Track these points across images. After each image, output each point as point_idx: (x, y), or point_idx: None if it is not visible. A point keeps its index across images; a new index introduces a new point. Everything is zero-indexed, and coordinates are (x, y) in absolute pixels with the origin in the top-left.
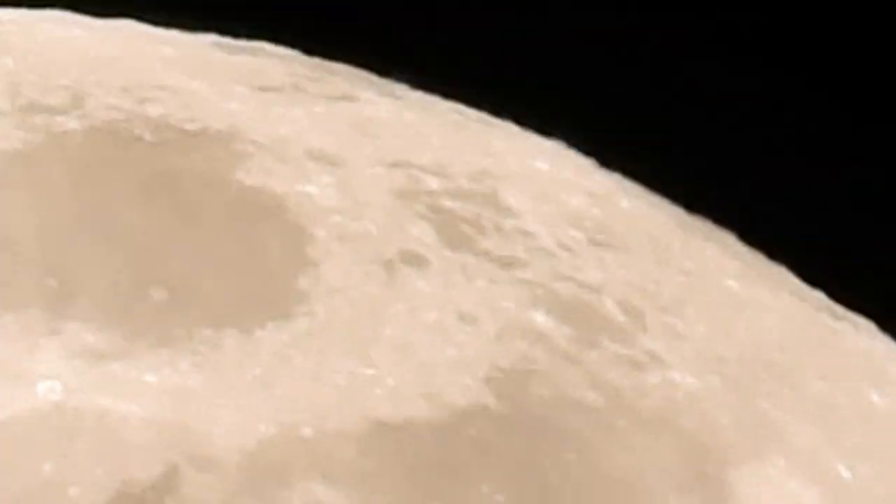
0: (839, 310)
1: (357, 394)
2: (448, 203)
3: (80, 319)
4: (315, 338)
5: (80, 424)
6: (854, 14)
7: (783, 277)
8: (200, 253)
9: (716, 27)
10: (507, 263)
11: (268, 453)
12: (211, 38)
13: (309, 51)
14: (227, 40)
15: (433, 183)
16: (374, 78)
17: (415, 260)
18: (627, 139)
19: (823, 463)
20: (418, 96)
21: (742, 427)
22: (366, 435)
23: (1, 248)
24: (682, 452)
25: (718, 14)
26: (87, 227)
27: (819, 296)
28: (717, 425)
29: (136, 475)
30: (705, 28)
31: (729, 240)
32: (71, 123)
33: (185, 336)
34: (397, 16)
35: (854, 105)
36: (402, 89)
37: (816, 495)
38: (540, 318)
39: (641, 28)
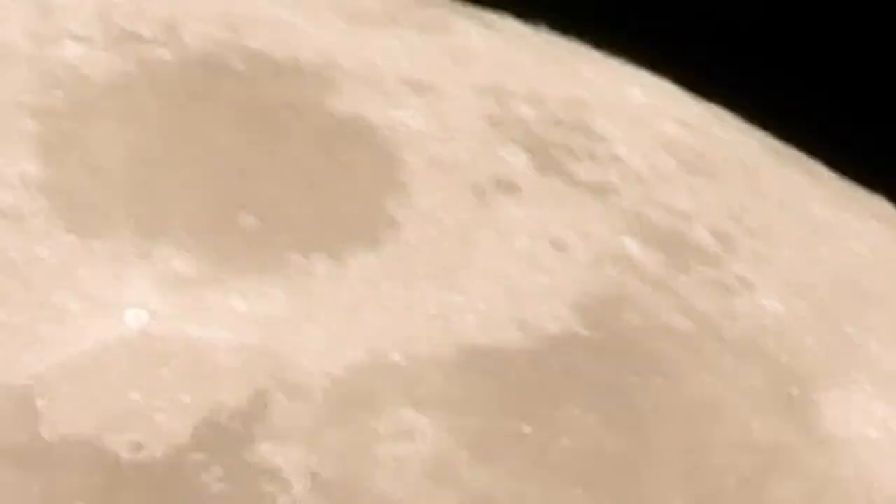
0: None
1: (447, 320)
2: (540, 129)
3: (168, 246)
4: (405, 263)
5: (168, 351)
6: None
7: (874, 205)
8: (290, 179)
9: None
10: (599, 189)
11: (357, 379)
12: None
13: None
14: None
15: (525, 110)
16: (468, 7)
17: (506, 185)
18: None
19: None
20: (511, 24)
21: (829, 351)
22: (456, 361)
23: (91, 174)
24: (769, 376)
25: None
26: (177, 156)
27: None
28: (803, 349)
29: (224, 401)
30: None
31: (820, 169)
32: (163, 53)
33: (274, 262)
34: None
35: None
36: (494, 17)
37: None
38: (631, 245)
39: None
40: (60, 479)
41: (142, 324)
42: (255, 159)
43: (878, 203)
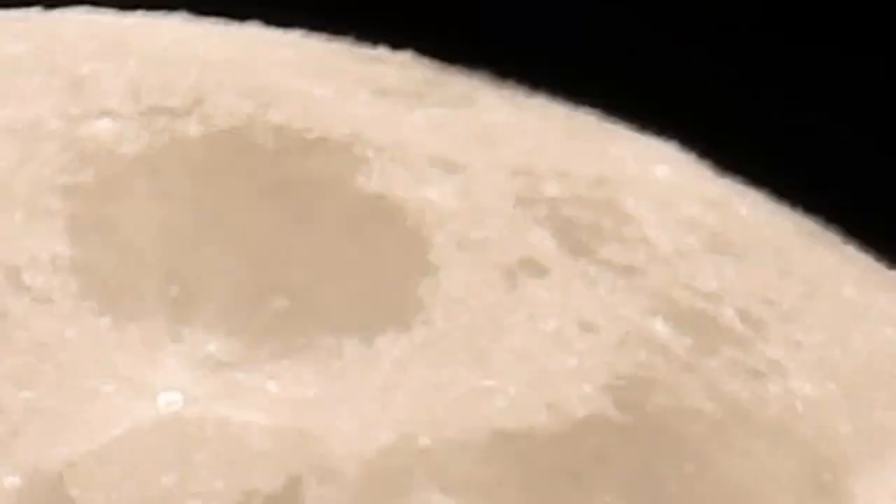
0: None
1: (476, 403)
2: (568, 210)
3: (201, 328)
4: (435, 346)
5: (202, 435)
6: None
7: None
8: (321, 259)
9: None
10: (627, 271)
11: (387, 462)
12: (333, 42)
13: (429, 56)
14: (349, 45)
15: (553, 189)
16: (493, 83)
17: (535, 268)
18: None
19: None
20: (537, 101)
21: (861, 436)
22: (485, 444)
23: (122, 254)
24: (801, 461)
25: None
26: (208, 234)
27: None
28: (836, 434)
29: (258, 486)
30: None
31: (848, 248)
32: (192, 127)
33: (306, 344)
34: (515, 21)
35: None
36: (520, 94)
37: None
38: (659, 327)
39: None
40: None
41: (175, 407)
42: (286, 239)
43: None
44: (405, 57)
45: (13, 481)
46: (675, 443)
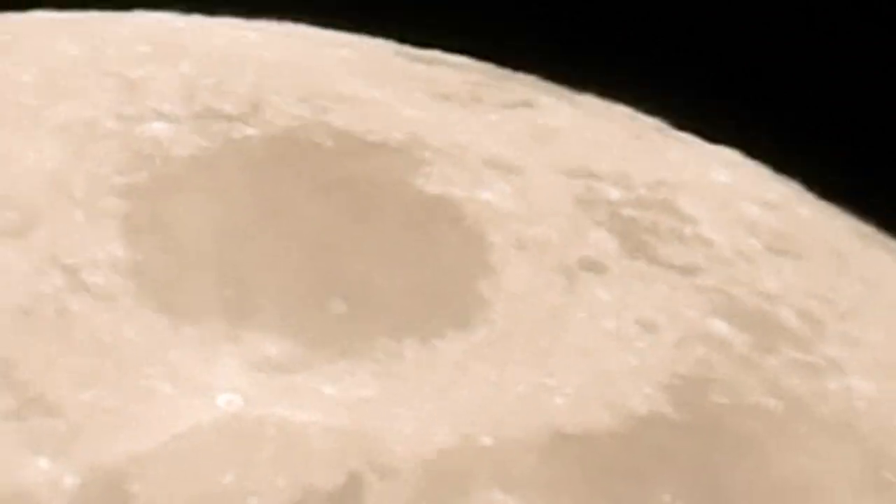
0: None
1: (537, 402)
2: (627, 211)
3: (259, 330)
4: (495, 346)
5: (261, 434)
6: None
7: None
8: (379, 260)
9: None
10: (686, 271)
11: (447, 462)
12: (387, 43)
13: (485, 58)
14: (405, 47)
15: (612, 191)
16: (551, 85)
17: (595, 267)
18: (805, 147)
19: None
20: (595, 103)
21: None
22: (546, 444)
23: (179, 254)
24: (861, 458)
25: None
26: (265, 235)
27: None
28: (895, 431)
29: (318, 484)
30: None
31: None
32: (248, 130)
33: (364, 346)
34: (574, 23)
35: None
36: (579, 96)
37: None
38: (719, 326)
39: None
40: None
41: (235, 407)
42: (343, 239)
43: None
44: (461, 59)
45: (73, 481)
46: (734, 440)
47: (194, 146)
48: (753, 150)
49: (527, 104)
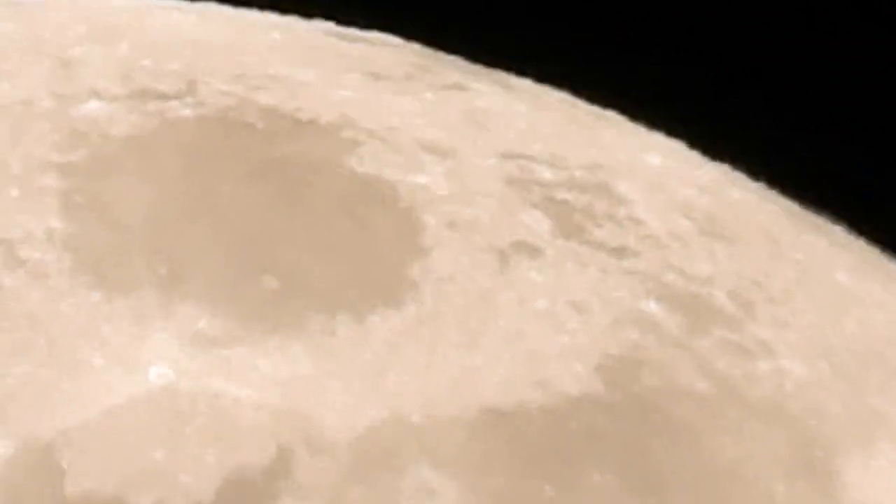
0: None
1: (467, 381)
2: (561, 193)
3: (192, 305)
4: (426, 325)
5: (192, 409)
6: None
7: (895, 270)
8: (311, 239)
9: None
10: (619, 253)
11: (378, 439)
12: (321, 25)
13: (419, 41)
14: (337, 28)
15: (545, 173)
16: (485, 68)
17: (527, 249)
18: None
19: None
20: (528, 86)
21: (851, 416)
22: (476, 422)
23: (114, 232)
24: (791, 441)
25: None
26: (198, 213)
27: None
28: (826, 414)
29: (248, 460)
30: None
31: (839, 232)
32: (183, 110)
33: (296, 322)
34: (509, 8)
35: None
36: (512, 79)
37: None
38: (651, 308)
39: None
40: None
41: (166, 381)
42: (276, 218)
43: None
44: (395, 40)
45: (5, 449)
46: (666, 421)
47: (130, 125)
48: (685, 135)
49: (460, 87)
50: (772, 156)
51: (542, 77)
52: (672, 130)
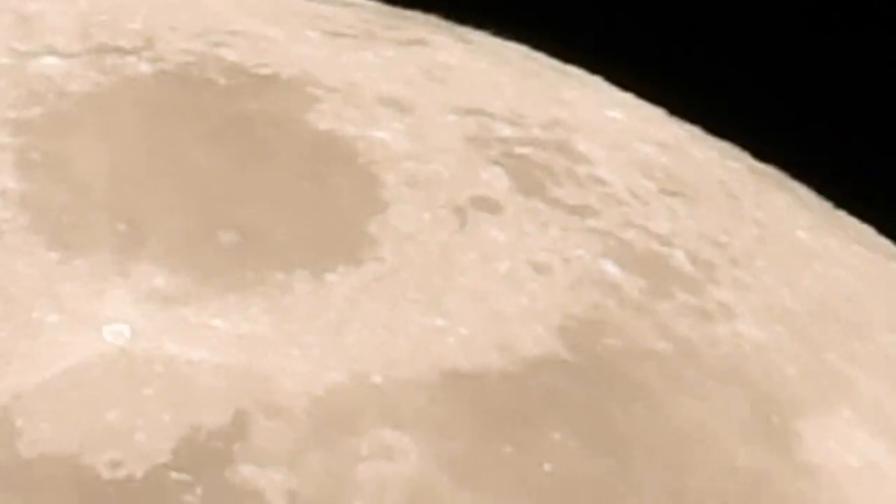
0: None
1: (428, 342)
2: (521, 150)
3: (149, 263)
4: (386, 284)
5: (148, 370)
6: None
7: (855, 228)
8: (271, 196)
9: None
10: (580, 211)
11: (337, 400)
12: None
13: None
14: None
15: (506, 130)
16: (445, 23)
17: (487, 206)
18: (703, 90)
19: (891, 416)
20: (491, 42)
21: (809, 378)
22: (437, 383)
23: (71, 190)
24: (750, 403)
25: None
26: (157, 170)
27: (893, 249)
28: (784, 376)
29: (204, 421)
30: None
31: (801, 190)
32: (142, 66)
33: (255, 280)
34: None
35: None
36: (474, 35)
37: (883, 447)
38: (611, 268)
39: None
40: (39, 498)
41: (122, 341)
42: (236, 176)
43: (861, 228)
44: None
45: None
46: (626, 383)
47: (89, 82)
48: (648, 92)
49: (420, 42)
50: (735, 113)
51: (504, 32)
52: (635, 88)
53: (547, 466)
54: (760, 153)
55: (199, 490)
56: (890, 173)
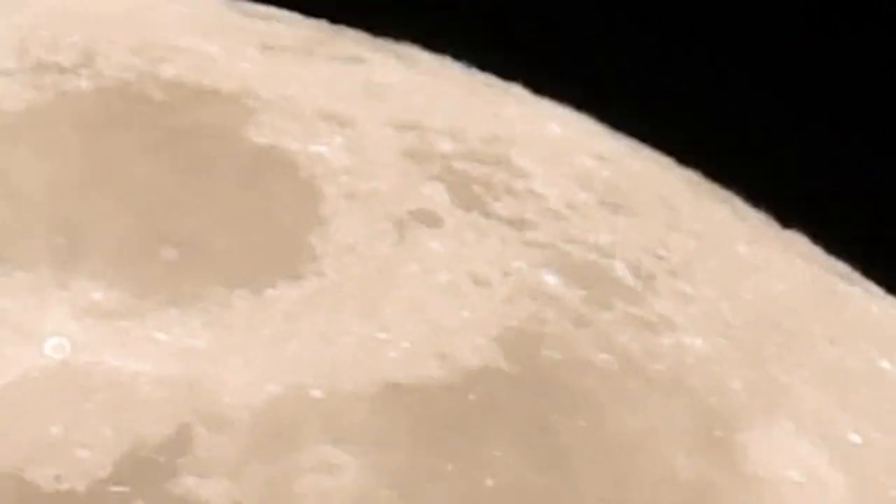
0: (855, 275)
1: (368, 355)
2: (460, 165)
3: (89, 277)
4: (326, 297)
5: (89, 384)
6: None
7: (794, 241)
8: (211, 210)
9: None
10: (519, 225)
11: (278, 414)
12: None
13: (319, 16)
14: (237, 2)
15: (445, 145)
16: (383, 41)
17: (427, 220)
18: (638, 103)
19: (832, 427)
20: (428, 59)
21: (751, 390)
22: (377, 396)
23: (10, 205)
24: (692, 415)
25: None
26: (96, 185)
27: (832, 261)
28: (726, 388)
29: (147, 435)
30: None
31: (739, 203)
32: (81, 82)
33: (195, 294)
34: None
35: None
36: (412, 51)
37: (825, 458)
38: (551, 280)
39: None
40: None
41: (62, 354)
42: (175, 190)
43: (798, 240)
44: (293, 15)
45: None
46: (567, 395)
47: (27, 99)
48: (587, 107)
49: (358, 60)
50: (674, 126)
51: (443, 51)
52: (576, 103)
53: (489, 481)
54: (697, 164)
55: (141, 503)
56: (826, 185)
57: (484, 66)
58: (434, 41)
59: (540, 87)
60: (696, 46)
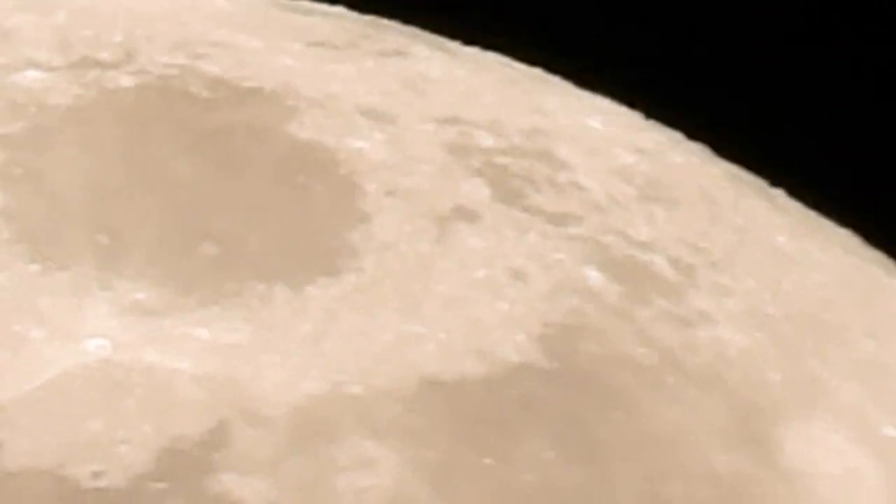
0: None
1: (407, 350)
2: (501, 159)
3: (130, 276)
4: (365, 294)
5: (129, 381)
6: None
7: (835, 233)
8: (251, 207)
9: None
10: (559, 219)
11: (316, 409)
12: None
13: (361, 8)
14: None
15: (486, 139)
16: (425, 34)
17: (467, 215)
18: (683, 96)
19: (870, 421)
20: (470, 52)
21: (789, 384)
22: (415, 392)
23: (52, 204)
24: (730, 409)
25: None
26: (137, 183)
27: (873, 254)
28: (764, 382)
29: (186, 431)
30: None
31: (780, 196)
32: (123, 79)
33: (235, 291)
34: None
35: None
36: (454, 45)
37: (862, 453)
38: (591, 275)
39: None
40: None
41: (104, 353)
42: (216, 187)
43: (840, 233)
44: (337, 9)
45: None
46: (604, 390)
47: (69, 96)
48: (628, 99)
49: (401, 53)
50: (714, 119)
51: (485, 42)
52: (616, 95)
53: (525, 476)
54: (738, 157)
55: (180, 499)
56: (867, 177)
57: (525, 59)
58: (476, 34)
59: (581, 80)
60: (741, 40)
